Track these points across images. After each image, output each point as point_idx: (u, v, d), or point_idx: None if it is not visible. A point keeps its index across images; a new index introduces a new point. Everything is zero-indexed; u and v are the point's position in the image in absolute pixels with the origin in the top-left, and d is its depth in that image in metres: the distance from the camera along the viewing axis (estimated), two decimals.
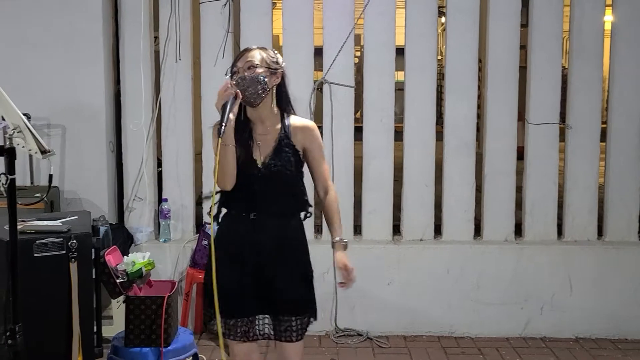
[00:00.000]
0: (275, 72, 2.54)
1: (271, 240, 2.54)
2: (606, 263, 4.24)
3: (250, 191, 2.52)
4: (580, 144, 4.25)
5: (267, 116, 2.56)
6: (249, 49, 2.56)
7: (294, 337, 2.59)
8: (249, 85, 2.46)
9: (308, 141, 2.59)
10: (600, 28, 4.20)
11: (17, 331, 2.18)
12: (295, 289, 2.57)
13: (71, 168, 4.18)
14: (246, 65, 2.50)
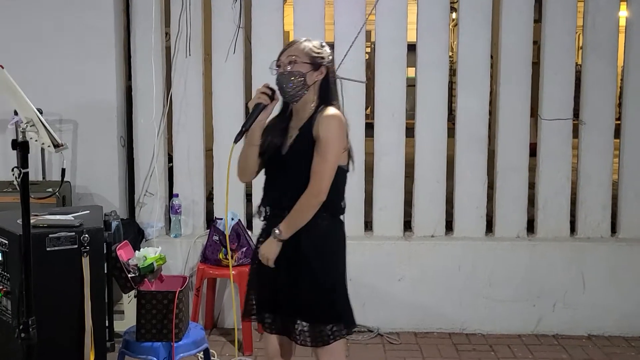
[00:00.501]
0: (318, 67, 2.45)
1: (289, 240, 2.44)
2: (619, 260, 4.21)
3: (272, 185, 2.49)
4: (593, 140, 4.22)
5: (305, 112, 2.48)
6: (294, 42, 2.49)
7: (309, 342, 2.48)
8: (288, 81, 2.41)
9: (316, 128, 2.41)
10: (615, 23, 4.16)
11: (30, 325, 2.18)
12: (301, 293, 2.45)
13: (83, 163, 4.20)
14: (288, 60, 2.44)
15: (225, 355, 3.86)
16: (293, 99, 2.45)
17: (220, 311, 4.29)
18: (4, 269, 2.75)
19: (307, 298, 2.47)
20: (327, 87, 2.49)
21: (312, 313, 2.48)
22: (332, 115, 2.42)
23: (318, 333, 2.48)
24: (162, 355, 2.93)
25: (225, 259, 3.95)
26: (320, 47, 2.48)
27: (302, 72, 2.41)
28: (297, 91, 2.42)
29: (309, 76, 2.43)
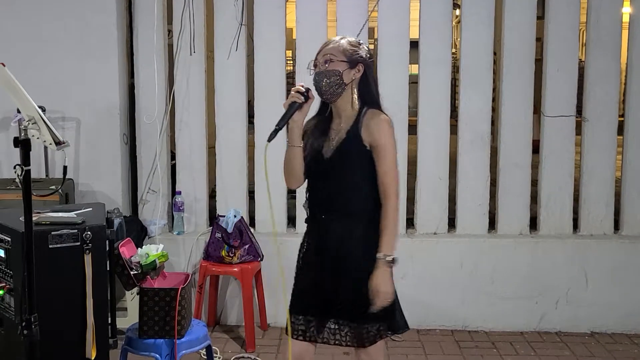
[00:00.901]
0: (355, 65, 2.41)
1: (334, 242, 2.44)
2: (622, 257, 4.20)
3: (316, 188, 2.46)
4: (596, 136, 4.21)
5: (346, 110, 2.44)
6: (330, 41, 2.45)
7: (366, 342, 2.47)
8: (324, 80, 2.38)
9: (372, 135, 2.38)
10: (618, 20, 4.15)
11: (32, 321, 2.19)
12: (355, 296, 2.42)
13: (85, 161, 4.21)
14: (324, 59, 2.41)
15: (227, 352, 3.87)
16: (331, 98, 2.42)
17: (223, 308, 4.30)
18: (6, 266, 2.76)
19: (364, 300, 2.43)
20: (367, 85, 2.46)
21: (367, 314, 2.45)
22: (386, 121, 2.42)
23: (365, 333, 2.47)
24: (165, 352, 2.94)
25: (228, 256, 3.96)
26: (356, 44, 2.45)
27: (338, 70, 2.38)
28: (334, 90, 2.39)
29: (345, 74, 2.40)
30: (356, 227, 2.44)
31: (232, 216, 3.99)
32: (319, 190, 2.46)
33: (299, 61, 4.25)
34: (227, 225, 3.97)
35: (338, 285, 2.45)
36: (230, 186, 4.32)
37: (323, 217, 2.46)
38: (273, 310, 4.26)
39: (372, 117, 2.42)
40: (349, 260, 2.44)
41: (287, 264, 4.16)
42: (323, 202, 2.46)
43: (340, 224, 2.44)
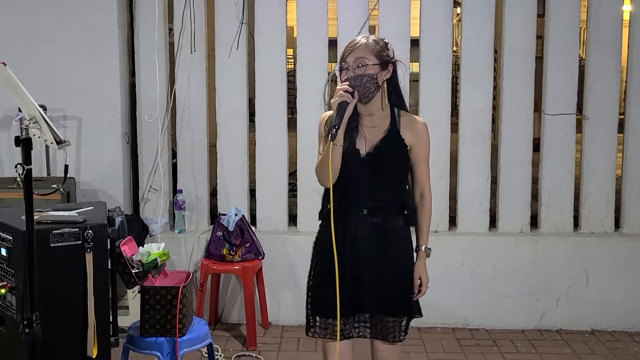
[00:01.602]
0: (386, 66, 2.46)
1: (374, 236, 2.48)
2: (623, 255, 4.21)
3: (351, 184, 2.46)
4: (597, 134, 4.21)
5: (376, 110, 2.50)
6: (359, 42, 2.45)
7: (390, 337, 2.53)
8: (359, 84, 2.41)
9: (416, 137, 2.50)
10: (619, 17, 4.15)
11: (34, 320, 2.20)
12: (392, 289, 2.50)
13: (87, 159, 4.21)
14: (356, 63, 2.42)
15: (229, 350, 3.88)
16: (366, 100, 2.46)
17: (224, 306, 4.31)
18: (8, 265, 2.77)
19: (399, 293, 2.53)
20: (395, 84, 2.52)
21: (402, 307, 2.54)
22: (426, 125, 2.54)
23: (401, 328, 2.54)
24: (166, 350, 2.94)
25: (229, 255, 3.97)
26: (384, 44, 2.48)
27: (373, 74, 2.43)
28: (369, 92, 2.44)
29: (379, 77, 2.45)
30: (397, 220, 2.52)
31: (233, 214, 3.99)
32: (357, 185, 2.47)
33: (300, 59, 4.25)
34: (229, 224, 3.97)
35: (379, 278, 2.50)
36: (231, 184, 4.32)
37: (363, 213, 2.49)
38: (274, 309, 4.27)
39: (413, 120, 2.54)
40: (390, 254, 2.51)
41: (289, 262, 4.21)
42: (363, 197, 2.48)
43: (382, 218, 2.50)
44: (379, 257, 2.50)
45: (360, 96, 2.43)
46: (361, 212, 2.49)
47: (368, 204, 2.48)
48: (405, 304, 2.54)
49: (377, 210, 2.49)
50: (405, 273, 2.54)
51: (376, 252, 2.50)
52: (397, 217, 2.52)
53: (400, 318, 2.53)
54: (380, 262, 2.50)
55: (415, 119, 2.55)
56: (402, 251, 2.54)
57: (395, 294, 2.52)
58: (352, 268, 2.49)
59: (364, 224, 2.49)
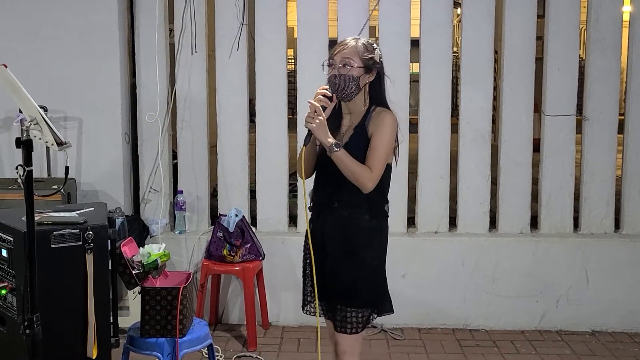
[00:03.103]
0: (370, 70, 2.55)
1: (339, 227, 2.57)
2: (623, 256, 4.21)
3: (327, 181, 2.59)
4: (597, 135, 4.21)
5: (356, 109, 2.60)
6: (348, 44, 2.55)
7: (348, 328, 2.59)
8: (342, 84, 2.51)
9: (375, 127, 2.54)
10: (619, 18, 4.15)
11: (34, 321, 2.20)
12: (351, 280, 2.56)
13: (87, 160, 4.22)
14: (342, 62, 2.52)
15: (229, 351, 3.88)
16: (345, 99, 2.56)
17: (225, 307, 4.31)
18: (9, 266, 2.77)
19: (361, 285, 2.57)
20: (378, 87, 2.60)
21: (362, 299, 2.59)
22: (391, 117, 2.56)
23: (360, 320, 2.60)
24: (167, 351, 2.95)
25: (229, 256, 3.97)
26: (372, 49, 2.57)
27: (356, 76, 2.52)
28: (349, 93, 2.53)
29: (361, 79, 2.54)
30: (361, 215, 2.58)
31: (234, 215, 4.00)
32: (329, 181, 2.58)
33: (300, 60, 4.25)
34: (229, 225, 3.98)
35: (339, 268, 2.58)
36: (231, 185, 4.33)
37: (334, 206, 2.59)
38: (274, 309, 4.27)
39: (381, 113, 2.57)
40: (352, 246, 2.57)
41: (289, 263, 4.21)
42: (333, 191, 2.58)
43: (347, 212, 2.58)
44: (342, 249, 2.58)
45: (341, 95, 2.53)
46: (333, 205, 2.60)
47: (338, 197, 2.58)
48: (362, 298, 2.58)
49: (344, 204, 2.58)
50: (367, 268, 2.59)
51: (341, 244, 2.58)
52: (362, 211, 2.57)
53: (346, 309, 2.57)
54: (343, 254, 2.58)
55: (383, 112, 2.58)
56: (365, 245, 2.58)
57: (353, 286, 2.56)
58: (323, 258, 2.60)
59: (332, 217, 2.60)
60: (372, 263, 2.61)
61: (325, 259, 2.61)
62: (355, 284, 2.57)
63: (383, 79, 2.62)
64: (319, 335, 2.68)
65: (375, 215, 2.60)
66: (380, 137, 2.52)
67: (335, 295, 2.60)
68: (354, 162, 2.49)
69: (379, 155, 2.51)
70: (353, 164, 2.48)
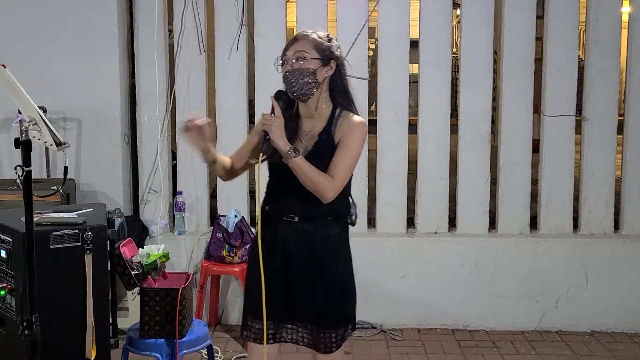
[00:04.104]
0: (327, 62, 2.33)
1: (299, 246, 2.38)
2: (623, 256, 4.21)
3: (283, 191, 2.37)
4: (596, 136, 4.21)
5: (316, 111, 2.37)
6: (300, 36, 2.34)
7: (334, 347, 2.43)
8: (298, 79, 2.28)
9: (343, 134, 2.33)
10: (618, 19, 4.15)
11: (33, 322, 2.20)
12: (328, 302, 2.39)
13: (87, 161, 4.21)
14: (295, 55, 2.30)
15: (229, 352, 3.88)
16: (304, 97, 2.33)
17: (224, 308, 4.31)
18: (8, 267, 2.77)
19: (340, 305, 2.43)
20: (339, 83, 2.38)
21: (342, 318, 2.44)
22: (361, 123, 2.36)
23: (333, 338, 2.43)
24: (166, 351, 2.95)
25: (229, 256, 3.97)
26: (328, 39, 2.36)
27: (312, 68, 2.29)
28: (307, 89, 2.30)
29: (319, 72, 2.31)
30: (330, 229, 2.40)
31: (233, 216, 4.00)
32: (286, 191, 2.36)
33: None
34: (228, 225, 3.98)
35: (309, 289, 2.39)
36: (231, 186, 4.31)
37: (295, 220, 2.37)
38: None
39: (347, 117, 2.36)
40: (323, 264, 2.40)
41: None
42: (293, 203, 2.37)
43: (313, 226, 2.38)
44: (311, 267, 2.38)
45: (298, 93, 2.31)
46: (292, 219, 2.38)
47: (299, 210, 2.36)
48: (336, 318, 2.42)
49: (308, 217, 2.37)
50: (338, 285, 2.42)
51: (308, 262, 2.38)
52: (332, 225, 2.39)
53: (331, 331, 2.41)
54: (312, 273, 2.38)
55: (351, 117, 2.36)
56: (335, 262, 2.42)
57: (327, 307, 2.39)
58: (283, 275, 2.39)
59: (294, 231, 2.38)
60: (343, 278, 2.44)
61: (290, 280, 2.39)
62: (334, 304, 2.40)
63: (344, 75, 2.39)
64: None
65: (342, 227, 2.43)
66: (349, 144, 2.31)
67: (313, 320, 2.41)
68: (314, 170, 2.26)
69: (346, 163, 2.31)
70: (312, 171, 2.25)
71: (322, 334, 2.42)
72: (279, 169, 2.33)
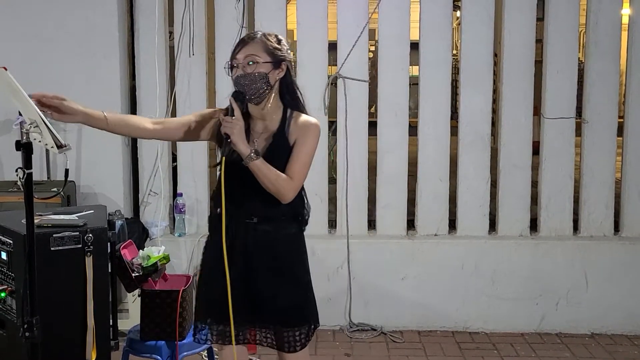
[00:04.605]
0: (279, 64, 2.34)
1: (259, 247, 2.39)
2: (622, 258, 4.21)
3: (241, 193, 2.36)
4: (596, 138, 4.22)
5: (267, 113, 2.38)
6: (249, 39, 2.34)
7: (299, 347, 2.46)
8: (251, 84, 2.29)
9: (298, 135, 2.36)
10: (618, 21, 4.16)
11: (34, 324, 2.20)
12: (291, 300, 2.42)
13: (87, 163, 4.21)
14: (247, 59, 2.30)
15: None
16: (257, 100, 2.33)
17: None
18: (8, 269, 2.77)
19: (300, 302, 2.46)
20: (289, 84, 2.40)
21: (304, 315, 2.47)
22: (315, 124, 2.40)
23: (298, 336, 2.46)
24: (166, 353, 2.95)
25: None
26: (278, 41, 2.37)
27: (264, 72, 2.30)
28: (260, 93, 2.31)
29: (271, 76, 2.32)
30: (290, 228, 2.43)
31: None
32: (244, 193, 2.36)
33: (300, 63, 4.25)
34: None
35: (272, 288, 2.41)
36: None
37: (254, 221, 2.39)
38: None
39: (300, 118, 2.39)
40: (283, 263, 2.43)
41: None
42: (251, 205, 2.38)
43: (272, 226, 2.40)
44: (272, 267, 2.41)
45: (251, 97, 2.31)
46: (251, 220, 2.39)
47: (258, 212, 2.38)
48: (299, 315, 2.45)
49: (267, 218, 2.39)
50: (299, 283, 2.46)
51: (269, 262, 2.41)
52: (290, 225, 2.43)
53: (294, 329, 2.43)
54: (274, 271, 2.41)
55: (305, 119, 2.39)
56: (295, 261, 2.45)
57: (290, 304, 2.42)
58: (244, 276, 2.40)
59: (254, 233, 2.40)
60: (303, 276, 2.47)
61: (251, 280, 2.40)
62: (297, 303, 2.43)
63: (294, 75, 2.42)
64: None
65: (299, 226, 2.46)
66: (305, 144, 2.35)
67: (276, 319, 2.43)
68: (274, 171, 2.29)
69: (302, 163, 2.35)
70: (273, 173, 2.28)
71: (286, 333, 2.44)
72: (236, 171, 2.31)
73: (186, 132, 2.49)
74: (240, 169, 2.30)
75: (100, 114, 2.40)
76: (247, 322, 2.47)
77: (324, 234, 4.30)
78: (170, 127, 2.54)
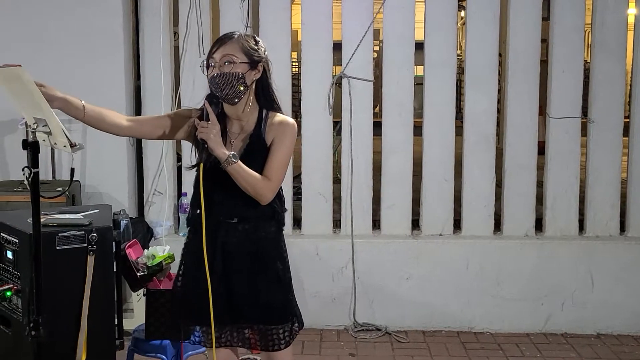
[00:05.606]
0: (255, 65, 2.33)
1: (240, 246, 2.40)
2: (628, 258, 4.20)
3: (222, 196, 2.37)
4: (602, 138, 4.21)
5: (245, 113, 2.37)
6: (227, 39, 2.32)
7: (283, 344, 2.47)
8: (228, 84, 2.27)
9: (275, 135, 2.36)
10: (623, 21, 4.15)
11: (40, 323, 2.20)
12: (273, 297, 2.42)
13: (92, 162, 4.22)
14: (223, 59, 2.29)
15: None
16: (232, 101, 2.32)
17: None
18: (14, 268, 2.78)
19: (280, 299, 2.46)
20: (265, 85, 2.39)
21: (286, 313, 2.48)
22: (292, 125, 2.40)
23: (281, 334, 2.47)
24: (171, 353, 2.95)
25: None
26: (256, 43, 2.35)
27: (241, 73, 2.28)
28: (236, 93, 2.30)
29: (247, 76, 2.31)
30: (269, 227, 2.44)
31: None
32: (225, 194, 2.36)
33: (304, 63, 4.26)
34: None
35: (253, 285, 2.41)
36: None
37: (234, 221, 2.39)
38: None
39: (276, 118, 2.39)
40: (264, 261, 2.43)
41: (293, 266, 4.18)
42: (232, 205, 2.38)
43: (252, 226, 2.41)
44: (253, 266, 2.41)
45: (227, 97, 2.30)
46: (231, 221, 2.40)
47: (238, 213, 2.39)
48: (281, 311, 2.45)
49: (247, 218, 2.39)
50: (281, 281, 2.46)
51: (250, 259, 2.41)
52: (269, 224, 2.44)
53: (278, 327, 2.45)
54: (255, 269, 2.41)
55: (281, 119, 2.38)
56: (275, 257, 2.46)
57: (271, 300, 2.43)
58: (225, 277, 2.40)
59: (234, 232, 2.40)
60: (284, 273, 2.48)
61: (232, 280, 2.40)
62: (279, 300, 2.44)
63: (269, 76, 2.39)
64: None
65: (279, 225, 2.47)
66: (282, 144, 2.35)
67: (259, 317, 2.42)
68: (252, 174, 2.29)
69: (280, 164, 2.35)
70: (251, 175, 2.29)
71: (269, 331, 2.45)
72: (214, 174, 2.32)
73: (161, 132, 2.47)
74: (219, 172, 2.31)
75: (79, 104, 2.40)
76: (230, 322, 2.45)
77: (328, 233, 4.30)
78: (145, 125, 2.56)
